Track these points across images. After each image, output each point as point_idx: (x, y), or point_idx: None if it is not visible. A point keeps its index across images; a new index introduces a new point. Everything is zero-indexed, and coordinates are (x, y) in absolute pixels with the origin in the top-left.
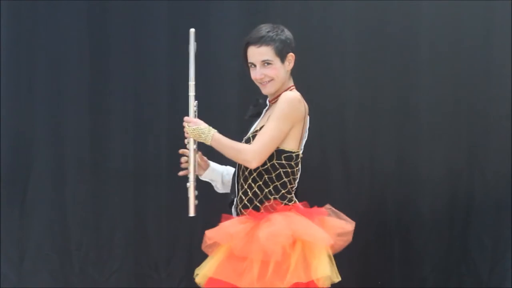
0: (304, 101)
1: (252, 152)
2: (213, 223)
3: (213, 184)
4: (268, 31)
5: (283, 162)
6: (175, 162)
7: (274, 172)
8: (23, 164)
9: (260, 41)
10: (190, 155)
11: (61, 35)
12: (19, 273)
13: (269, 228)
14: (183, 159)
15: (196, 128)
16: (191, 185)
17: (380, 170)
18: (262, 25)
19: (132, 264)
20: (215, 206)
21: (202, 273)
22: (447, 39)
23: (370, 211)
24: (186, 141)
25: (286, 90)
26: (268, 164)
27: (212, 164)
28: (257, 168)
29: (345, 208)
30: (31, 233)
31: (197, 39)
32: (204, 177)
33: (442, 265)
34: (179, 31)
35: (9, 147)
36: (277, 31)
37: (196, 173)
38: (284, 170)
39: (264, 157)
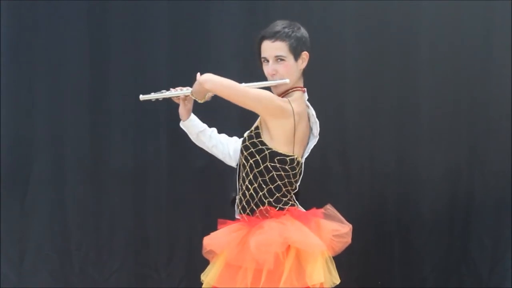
0: (293, 106)
1: (212, 75)
2: (213, 223)
3: (188, 134)
4: (284, 27)
5: (277, 165)
6: (175, 162)
7: (267, 175)
8: (23, 164)
9: (276, 36)
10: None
11: (61, 35)
12: (19, 273)
13: (260, 236)
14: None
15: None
16: (169, 92)
17: (380, 170)
18: (279, 21)
19: (132, 264)
20: (214, 206)
21: (206, 281)
22: (447, 39)
23: (370, 211)
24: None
25: (294, 90)
26: (262, 166)
27: (193, 117)
28: (253, 170)
29: (345, 208)
30: (31, 233)
31: (197, 39)
32: (182, 124)
33: (442, 265)
34: (179, 31)
35: (9, 147)
36: (293, 28)
37: (177, 101)
38: (277, 173)
39: (215, 83)
